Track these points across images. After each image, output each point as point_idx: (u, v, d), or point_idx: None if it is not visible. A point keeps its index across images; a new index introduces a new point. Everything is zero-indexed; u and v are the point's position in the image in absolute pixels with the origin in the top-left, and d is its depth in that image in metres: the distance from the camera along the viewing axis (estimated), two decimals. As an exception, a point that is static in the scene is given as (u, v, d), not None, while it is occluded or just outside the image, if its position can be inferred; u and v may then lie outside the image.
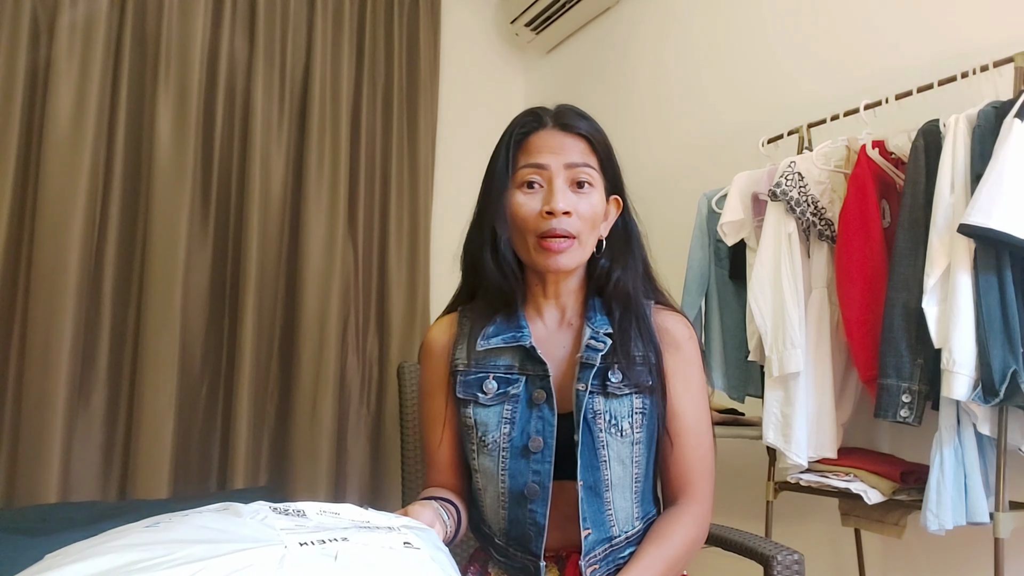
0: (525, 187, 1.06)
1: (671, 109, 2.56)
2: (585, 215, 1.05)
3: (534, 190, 1.06)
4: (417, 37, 2.95)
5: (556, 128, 1.07)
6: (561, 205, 1.02)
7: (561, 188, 1.04)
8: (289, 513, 0.70)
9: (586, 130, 1.07)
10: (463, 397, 1.09)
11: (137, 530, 0.64)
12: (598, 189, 1.07)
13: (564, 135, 1.07)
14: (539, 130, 1.08)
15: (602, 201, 1.08)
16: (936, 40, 1.73)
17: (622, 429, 1.05)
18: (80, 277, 2.25)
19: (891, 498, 1.52)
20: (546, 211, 1.03)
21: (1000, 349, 1.31)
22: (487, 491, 1.09)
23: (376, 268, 2.80)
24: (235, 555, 0.58)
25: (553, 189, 1.04)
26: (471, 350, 1.10)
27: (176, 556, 0.57)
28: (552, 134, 1.07)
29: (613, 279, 1.10)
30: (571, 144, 1.06)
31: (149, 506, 1.95)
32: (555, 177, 1.04)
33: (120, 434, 2.34)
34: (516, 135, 1.08)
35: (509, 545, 1.08)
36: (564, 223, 1.03)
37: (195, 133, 2.45)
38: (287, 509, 0.71)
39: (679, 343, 1.11)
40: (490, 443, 1.06)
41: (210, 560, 0.56)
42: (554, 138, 1.06)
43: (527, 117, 1.10)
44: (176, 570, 0.55)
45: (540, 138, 1.07)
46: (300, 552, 0.60)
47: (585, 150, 1.07)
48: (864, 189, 1.58)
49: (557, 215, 1.02)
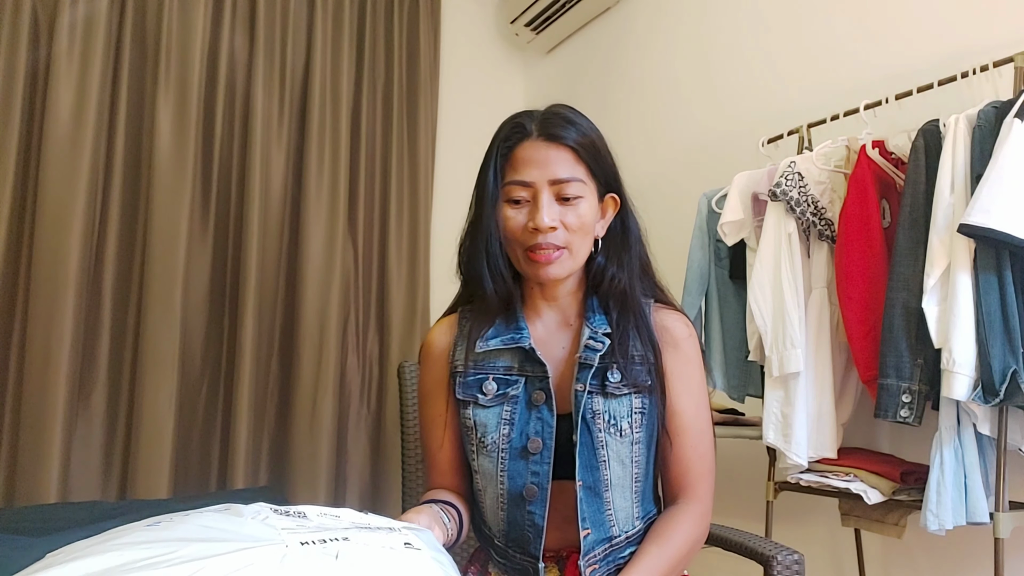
0: (512, 202, 1.05)
1: (671, 109, 2.56)
2: (573, 226, 1.04)
3: (521, 205, 1.05)
4: (417, 37, 2.95)
5: (541, 139, 1.05)
6: (547, 221, 1.02)
7: (547, 203, 1.03)
8: (290, 514, 0.71)
9: (572, 140, 1.05)
10: (463, 398, 1.09)
11: (139, 529, 0.64)
12: (587, 197, 1.06)
13: (549, 147, 1.04)
14: (524, 141, 1.06)
15: (592, 208, 1.07)
16: (936, 40, 1.73)
17: (621, 429, 1.05)
18: (80, 277, 2.25)
19: (891, 498, 1.52)
20: (531, 227, 1.03)
21: (1000, 349, 1.31)
22: (486, 492, 1.09)
23: (376, 268, 2.80)
24: (236, 554, 0.58)
25: (539, 205, 1.03)
26: (470, 351, 1.10)
27: (177, 554, 0.57)
28: (537, 146, 1.05)
29: (608, 277, 1.09)
30: (555, 156, 1.04)
31: (149, 506, 1.94)
32: (540, 193, 1.03)
33: (120, 434, 2.34)
34: (502, 148, 1.07)
35: (508, 546, 1.08)
36: (551, 237, 1.03)
37: (195, 132, 2.45)
38: (288, 511, 0.71)
39: (678, 342, 1.11)
40: (489, 444, 1.06)
41: (211, 559, 0.57)
42: (539, 151, 1.04)
43: (512, 128, 1.07)
44: (177, 568, 0.55)
45: (525, 151, 1.05)
46: (301, 551, 0.60)
47: (571, 160, 1.05)
48: (864, 189, 1.58)
49: (543, 231, 1.02)
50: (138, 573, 0.55)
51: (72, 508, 2.04)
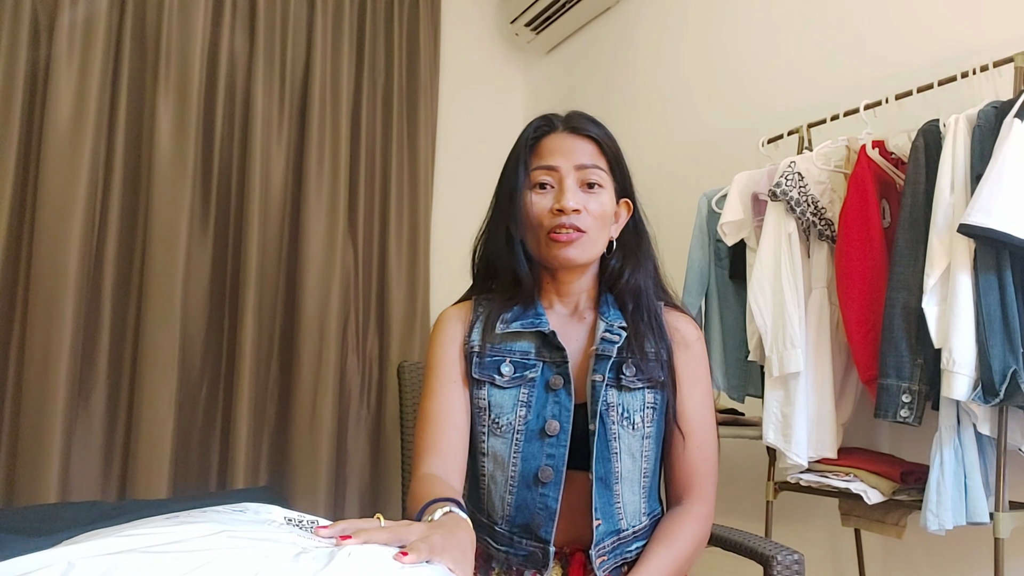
0: (538, 187, 1.10)
1: (671, 108, 2.56)
2: (595, 212, 1.09)
3: (546, 190, 1.10)
4: (417, 37, 2.95)
5: (567, 131, 1.12)
6: (571, 203, 1.07)
7: (572, 188, 1.08)
8: (304, 522, 0.72)
9: (596, 133, 1.12)
10: (479, 378, 1.11)
11: (157, 521, 0.65)
12: (608, 190, 1.11)
13: (575, 138, 1.11)
14: (551, 133, 1.12)
15: (611, 201, 1.12)
16: (936, 40, 1.73)
17: (634, 422, 1.07)
18: (80, 277, 2.24)
19: (891, 498, 1.52)
20: (556, 208, 1.07)
21: (1000, 349, 1.31)
22: (494, 476, 1.09)
23: (376, 268, 2.79)
24: (251, 549, 0.58)
25: (564, 188, 1.08)
26: (488, 333, 1.12)
27: (194, 544, 0.58)
28: (563, 137, 1.11)
29: (624, 277, 1.14)
30: (581, 146, 1.10)
31: (149, 506, 1.94)
32: (566, 178, 1.09)
33: (120, 434, 2.34)
34: (529, 139, 1.12)
35: (513, 532, 1.08)
36: (574, 219, 1.07)
37: (195, 132, 2.45)
38: (301, 518, 0.72)
39: (689, 342, 1.14)
40: (504, 425, 1.08)
41: (227, 551, 0.57)
42: (565, 141, 1.11)
43: (540, 122, 1.14)
44: (193, 556, 0.56)
45: (552, 141, 1.11)
46: (316, 550, 0.61)
47: (595, 152, 1.11)
48: (864, 189, 1.58)
49: (567, 212, 1.07)
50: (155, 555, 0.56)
51: (72, 508, 2.04)
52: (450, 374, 1.12)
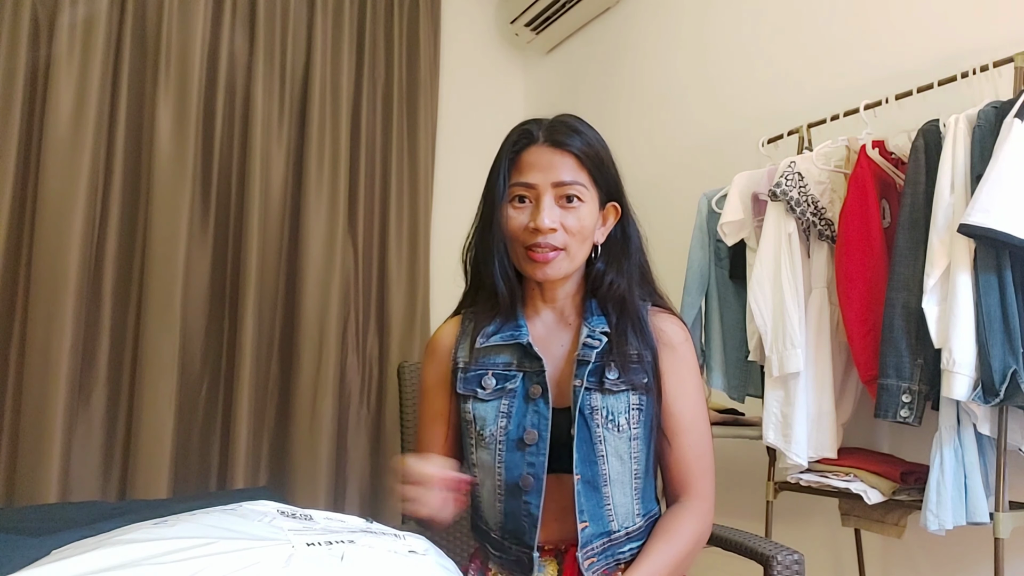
0: (516, 201, 1.10)
1: (671, 108, 2.56)
2: (572, 228, 1.09)
3: (525, 204, 1.10)
4: (417, 37, 2.95)
5: (546, 145, 1.10)
6: (547, 222, 1.07)
7: (548, 205, 1.08)
8: (296, 516, 0.71)
9: (577, 147, 1.10)
10: (463, 392, 1.13)
11: (146, 527, 0.65)
12: (588, 202, 1.10)
13: (554, 152, 1.09)
14: (530, 146, 1.11)
15: (592, 213, 1.11)
16: (936, 40, 1.73)
17: (619, 424, 1.08)
18: (80, 277, 2.25)
19: (891, 498, 1.52)
20: (532, 227, 1.08)
21: (1000, 349, 1.31)
22: (484, 485, 1.12)
23: (376, 268, 2.80)
24: (242, 552, 0.58)
25: (540, 207, 1.08)
26: (472, 348, 1.14)
27: (184, 553, 0.57)
28: (542, 151, 1.10)
29: (607, 282, 1.14)
30: (560, 161, 1.09)
31: (149, 506, 1.94)
32: (543, 195, 1.08)
33: (120, 434, 2.34)
34: (509, 153, 1.12)
35: (505, 538, 1.10)
36: (550, 238, 1.08)
37: (195, 133, 2.45)
38: (295, 512, 0.72)
39: (674, 344, 1.14)
40: (488, 437, 1.10)
41: (216, 556, 0.57)
42: (543, 156, 1.10)
43: (520, 134, 1.12)
44: (181, 565, 0.55)
45: (531, 155, 1.10)
46: (307, 552, 0.61)
47: (574, 166, 1.10)
48: (864, 189, 1.58)
49: (543, 232, 1.07)
50: (141, 569, 0.55)
51: (72, 508, 2.04)
52: (433, 404, 1.18)
